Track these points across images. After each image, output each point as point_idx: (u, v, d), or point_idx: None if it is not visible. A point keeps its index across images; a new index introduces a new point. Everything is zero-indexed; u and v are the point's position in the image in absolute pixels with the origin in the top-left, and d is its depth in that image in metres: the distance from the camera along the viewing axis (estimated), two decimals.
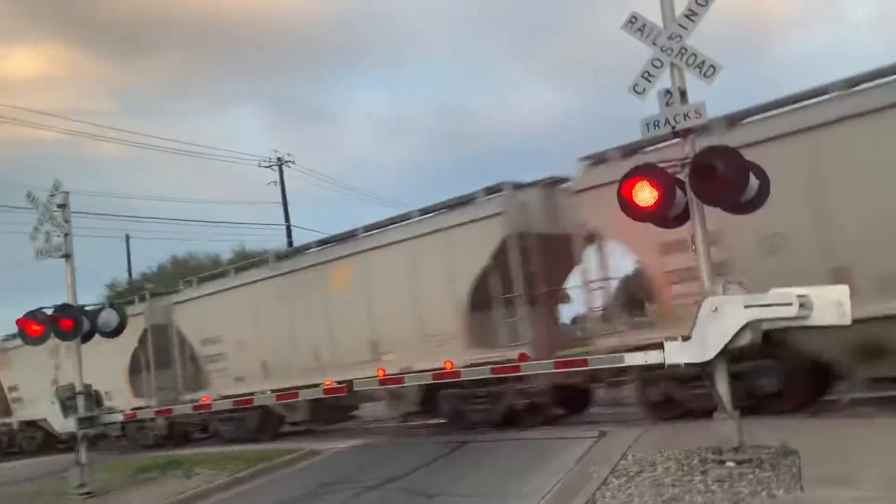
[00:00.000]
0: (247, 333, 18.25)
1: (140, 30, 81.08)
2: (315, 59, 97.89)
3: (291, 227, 37.54)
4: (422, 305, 14.60)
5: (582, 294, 13.45)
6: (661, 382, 11.69)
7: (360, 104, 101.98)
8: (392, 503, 9.56)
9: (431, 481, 10.39)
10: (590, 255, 13.09)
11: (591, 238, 12.90)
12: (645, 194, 8.19)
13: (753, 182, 8.21)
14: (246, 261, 21.57)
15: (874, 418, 9.76)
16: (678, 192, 8.32)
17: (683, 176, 8.30)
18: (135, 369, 20.62)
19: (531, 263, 13.49)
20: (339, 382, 13.09)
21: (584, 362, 10.04)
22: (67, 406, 13.25)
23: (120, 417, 14.36)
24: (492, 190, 14.04)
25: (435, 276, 14.36)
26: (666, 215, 8.43)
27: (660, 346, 8.64)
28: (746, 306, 7.78)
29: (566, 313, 16.01)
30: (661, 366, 9.07)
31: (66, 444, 23.12)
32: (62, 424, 13.35)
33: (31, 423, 24.45)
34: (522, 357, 12.46)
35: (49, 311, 13.32)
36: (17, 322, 13.48)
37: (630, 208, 8.32)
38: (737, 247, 10.46)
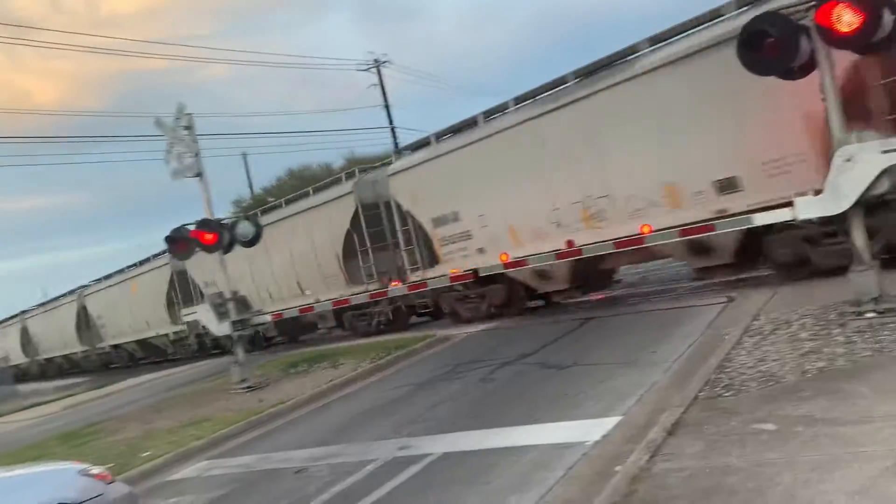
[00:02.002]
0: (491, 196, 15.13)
1: None
2: None
3: (395, 130, 38.02)
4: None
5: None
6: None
7: None
8: (526, 376, 10.01)
9: (562, 355, 10.78)
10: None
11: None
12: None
13: (888, 19, 7.63)
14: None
15: None
16: (803, 39, 7.87)
17: (808, 21, 7.82)
18: (348, 254, 19.12)
19: None
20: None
21: (712, 227, 9.92)
22: (220, 312, 14.48)
23: (269, 318, 15.59)
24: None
25: None
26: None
27: (789, 203, 8.43)
28: (884, 151, 7.43)
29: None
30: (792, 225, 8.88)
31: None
32: (218, 328, 14.63)
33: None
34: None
35: (191, 228, 14.39)
36: (166, 239, 14.65)
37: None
38: None
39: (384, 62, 38.36)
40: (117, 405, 17.80)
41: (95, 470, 6.61)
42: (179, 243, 14.54)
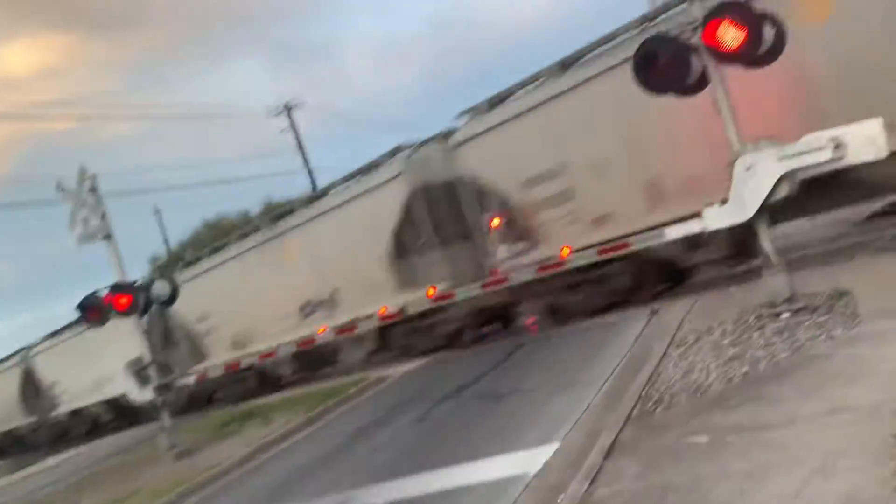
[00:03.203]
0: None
1: (124, 2, 79.93)
2: None
3: (312, 171, 37.68)
4: None
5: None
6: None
7: (359, 33, 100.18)
8: (463, 410, 9.93)
9: (498, 384, 10.76)
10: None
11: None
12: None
13: (768, 34, 8.04)
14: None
15: None
16: (693, 58, 8.19)
17: (696, 40, 8.15)
18: (400, 252, 15.64)
19: None
20: None
21: (627, 244, 10.14)
22: (142, 377, 13.87)
23: (192, 379, 15.03)
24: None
25: None
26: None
27: (698, 214, 8.70)
28: (780, 158, 7.76)
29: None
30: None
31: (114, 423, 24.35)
32: (140, 394, 14.00)
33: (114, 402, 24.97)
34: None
35: (104, 293, 13.78)
36: (77, 307, 13.99)
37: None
38: None
39: (294, 105, 38.14)
40: (38, 487, 16.73)
41: None
42: (92, 311, 13.89)
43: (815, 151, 7.69)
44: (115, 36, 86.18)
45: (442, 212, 14.87)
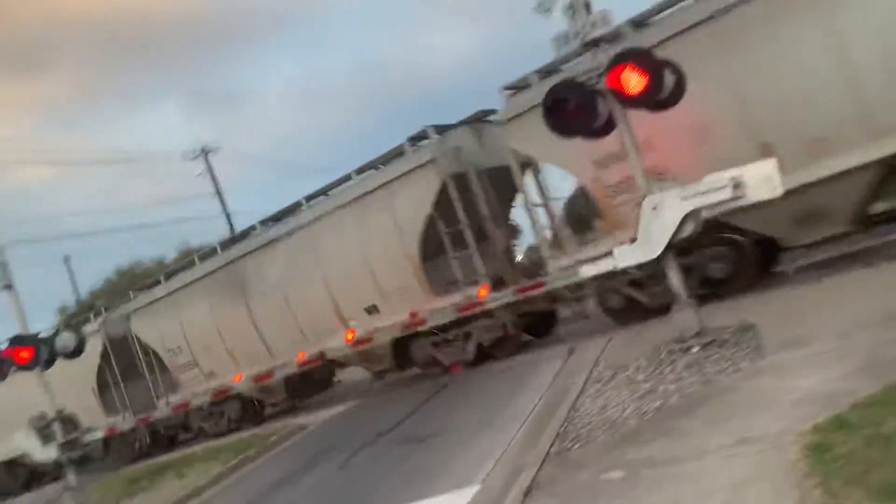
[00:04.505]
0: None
1: (37, 43, 77.41)
2: (223, 41, 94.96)
3: (230, 215, 36.98)
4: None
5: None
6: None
7: (279, 77, 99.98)
8: (386, 455, 9.77)
9: (420, 426, 10.65)
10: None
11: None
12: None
13: (669, 79, 8.41)
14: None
15: (822, 280, 10.28)
16: (599, 102, 8.49)
17: (601, 86, 8.46)
18: (429, 253, 13.81)
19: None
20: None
21: (542, 285, 10.29)
22: (45, 434, 13.07)
23: (100, 434, 14.25)
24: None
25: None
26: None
27: (610, 253, 8.93)
28: (683, 198, 8.08)
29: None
30: (616, 273, 9.40)
31: (51, 475, 23.02)
32: (44, 453, 13.17)
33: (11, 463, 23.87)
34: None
35: (2, 347, 13.03)
36: None
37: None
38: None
39: (211, 150, 37.48)
40: None
41: None
42: None
43: (715, 191, 8.03)
44: (26, 78, 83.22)
45: (482, 203, 13.38)
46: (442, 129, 13.82)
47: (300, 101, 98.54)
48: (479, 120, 14.27)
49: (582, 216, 12.93)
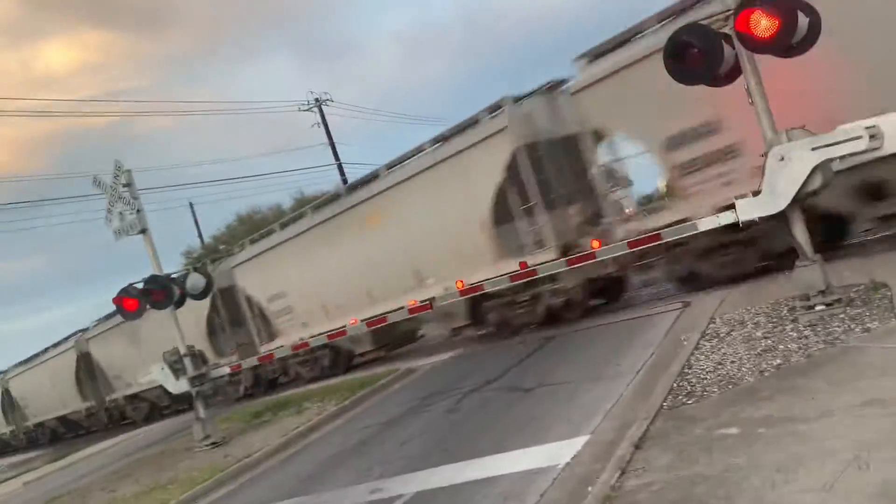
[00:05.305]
0: None
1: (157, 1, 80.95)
2: None
3: (343, 166, 37.90)
4: None
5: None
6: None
7: (387, 27, 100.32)
8: (493, 402, 9.95)
9: (527, 377, 10.75)
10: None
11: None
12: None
13: (803, 21, 7.90)
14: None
15: None
16: (726, 47, 8.09)
17: (729, 29, 8.05)
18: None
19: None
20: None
21: (658, 237, 10.06)
22: (176, 369, 14.12)
23: (227, 370, 15.25)
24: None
25: None
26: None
27: (731, 206, 8.60)
28: (814, 148, 7.64)
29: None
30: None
31: (170, 407, 24.98)
32: (175, 385, 14.24)
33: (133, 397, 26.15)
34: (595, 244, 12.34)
35: (139, 286, 14.05)
36: (114, 300, 14.27)
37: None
38: None
39: (325, 101, 38.33)
40: (79, 475, 17.14)
41: None
42: (127, 303, 14.16)
43: (850, 141, 7.55)
44: (150, 34, 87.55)
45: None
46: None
47: (408, 51, 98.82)
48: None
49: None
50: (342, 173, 37.33)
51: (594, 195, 13.24)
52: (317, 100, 38.00)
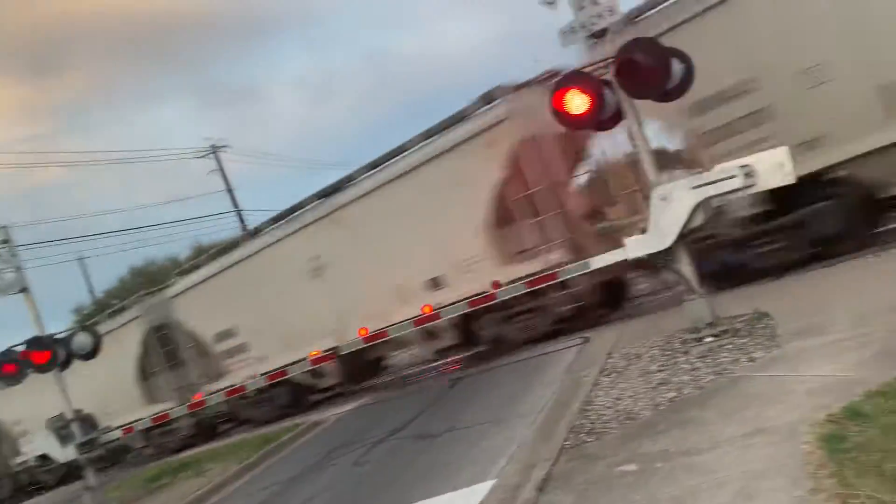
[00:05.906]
0: None
1: (49, 46, 77.91)
2: (231, 38, 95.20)
3: (241, 213, 37.11)
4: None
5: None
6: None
7: (287, 72, 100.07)
8: (400, 452, 9.79)
9: (434, 423, 10.66)
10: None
11: None
12: (577, 102, 8.28)
13: (677, 67, 8.37)
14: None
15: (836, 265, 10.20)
16: (608, 93, 8.46)
17: (610, 76, 8.43)
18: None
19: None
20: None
21: (555, 276, 10.28)
22: (63, 435, 13.23)
23: (119, 433, 14.40)
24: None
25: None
26: (600, 119, 8.53)
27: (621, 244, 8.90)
28: (693, 188, 8.03)
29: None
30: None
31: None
32: (63, 454, 13.33)
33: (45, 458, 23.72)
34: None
35: (21, 348, 13.17)
36: None
37: (564, 118, 8.40)
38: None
39: (221, 147, 37.60)
40: None
41: None
42: (7, 367, 13.23)
43: (726, 179, 7.99)
44: (40, 81, 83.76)
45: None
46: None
47: (311, 96, 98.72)
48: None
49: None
50: (242, 220, 36.57)
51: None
52: (213, 146, 37.27)
